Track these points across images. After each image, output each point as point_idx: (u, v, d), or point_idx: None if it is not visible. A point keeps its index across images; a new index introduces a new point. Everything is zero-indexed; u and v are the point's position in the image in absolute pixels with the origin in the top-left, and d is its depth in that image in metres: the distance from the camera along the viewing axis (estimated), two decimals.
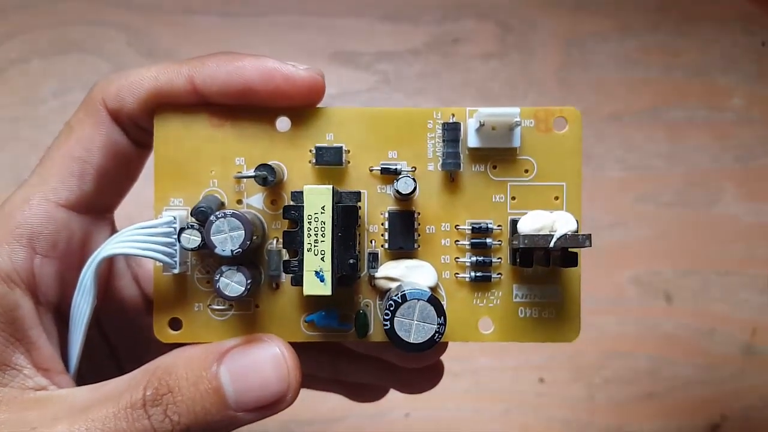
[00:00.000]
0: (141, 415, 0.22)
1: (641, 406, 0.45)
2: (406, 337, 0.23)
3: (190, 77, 0.24)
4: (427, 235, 0.25)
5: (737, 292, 0.46)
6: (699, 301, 0.46)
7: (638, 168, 0.48)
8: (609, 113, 0.48)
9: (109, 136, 0.25)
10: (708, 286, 0.47)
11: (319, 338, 0.26)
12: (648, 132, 0.48)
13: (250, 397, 0.22)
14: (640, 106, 0.48)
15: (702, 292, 0.46)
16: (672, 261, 0.47)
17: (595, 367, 0.46)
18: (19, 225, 0.24)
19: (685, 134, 0.48)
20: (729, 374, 0.45)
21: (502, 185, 0.25)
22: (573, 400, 0.45)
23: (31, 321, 0.24)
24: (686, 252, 0.47)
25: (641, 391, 0.45)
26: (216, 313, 0.25)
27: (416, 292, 0.23)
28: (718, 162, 0.48)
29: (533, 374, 0.45)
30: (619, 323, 0.46)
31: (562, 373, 0.46)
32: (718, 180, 0.48)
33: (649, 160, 0.48)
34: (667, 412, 0.45)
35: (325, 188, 0.23)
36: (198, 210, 0.23)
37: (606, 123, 0.48)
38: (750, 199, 0.47)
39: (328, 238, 0.23)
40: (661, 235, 0.47)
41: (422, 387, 0.32)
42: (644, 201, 0.47)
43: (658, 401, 0.45)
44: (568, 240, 0.23)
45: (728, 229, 0.47)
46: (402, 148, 0.25)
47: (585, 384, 0.46)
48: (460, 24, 0.49)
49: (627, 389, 0.45)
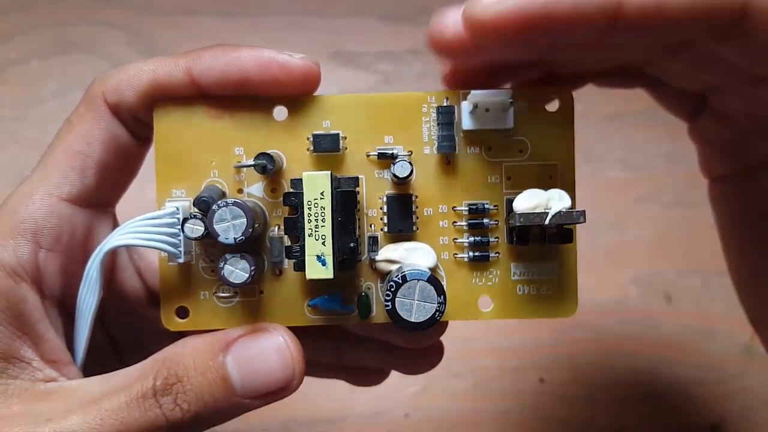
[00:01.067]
0: (152, 404, 0.22)
1: (641, 406, 0.45)
2: (408, 316, 0.23)
3: (188, 69, 0.24)
4: (425, 217, 0.26)
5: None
6: (699, 301, 0.46)
7: (638, 168, 0.48)
8: (609, 113, 0.48)
9: (109, 130, 0.25)
10: (708, 286, 0.46)
11: (322, 322, 0.26)
12: (648, 132, 0.48)
13: (257, 385, 0.23)
14: (640, 106, 0.48)
15: (702, 292, 0.46)
16: (672, 261, 0.47)
17: (595, 367, 0.46)
18: (23, 220, 0.24)
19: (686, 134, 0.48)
20: (729, 374, 0.45)
21: (497, 166, 0.26)
22: (573, 400, 0.45)
23: (37, 314, 0.24)
24: (686, 252, 0.47)
25: (641, 391, 0.45)
26: (222, 300, 0.26)
27: (416, 273, 0.23)
28: None
29: (533, 374, 0.45)
30: (619, 323, 0.46)
31: (562, 373, 0.45)
32: None
33: (649, 160, 0.48)
34: (667, 412, 0.45)
35: (323, 174, 0.23)
36: (200, 200, 0.24)
37: (606, 123, 0.48)
38: None
39: (328, 223, 0.23)
40: (661, 235, 0.47)
41: (423, 367, 0.32)
42: (644, 201, 0.47)
43: (658, 401, 0.45)
44: (562, 216, 0.23)
45: None
46: (397, 132, 0.26)
47: (585, 384, 0.46)
48: None
49: (627, 389, 0.45)
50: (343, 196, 0.24)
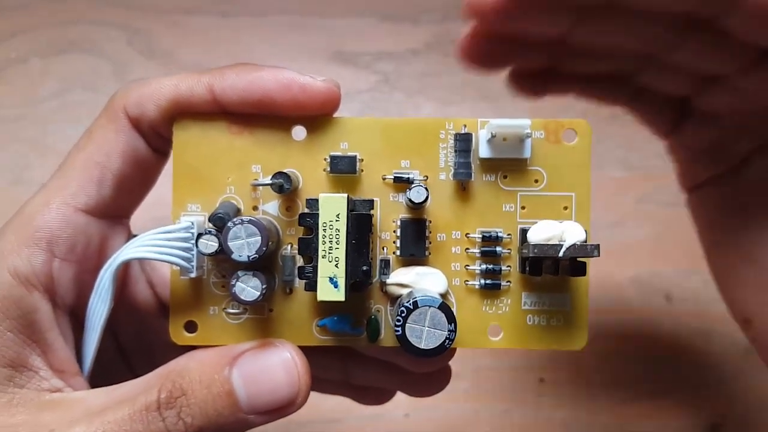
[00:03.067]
0: (156, 418, 0.22)
1: (641, 406, 0.45)
2: (417, 343, 0.23)
3: (210, 86, 0.25)
4: (438, 242, 0.26)
5: None
6: (699, 301, 0.46)
7: (638, 168, 0.48)
8: (609, 113, 0.48)
9: (128, 143, 0.25)
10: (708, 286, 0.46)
11: (331, 342, 0.26)
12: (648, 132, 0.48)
13: (262, 401, 0.23)
14: None
15: (702, 292, 0.46)
16: (672, 261, 0.47)
17: (595, 367, 0.46)
18: (38, 228, 0.24)
19: None
20: (729, 374, 0.45)
21: (513, 195, 0.26)
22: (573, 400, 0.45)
23: (48, 323, 0.24)
24: (686, 252, 0.47)
25: (641, 391, 0.45)
26: (231, 316, 0.26)
27: (427, 299, 0.23)
28: None
29: (533, 374, 0.45)
30: (619, 323, 0.46)
31: (562, 373, 0.45)
32: None
33: (649, 160, 0.48)
34: (667, 412, 0.45)
35: (340, 197, 0.23)
36: (216, 216, 0.24)
37: (606, 123, 0.48)
38: None
39: (342, 246, 0.23)
40: (661, 235, 0.47)
41: (430, 390, 0.32)
42: (644, 201, 0.47)
43: (658, 401, 0.45)
44: (576, 250, 0.23)
45: None
46: (414, 157, 0.26)
47: (585, 384, 0.46)
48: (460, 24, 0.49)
49: (627, 389, 0.45)
50: (359, 219, 0.24)
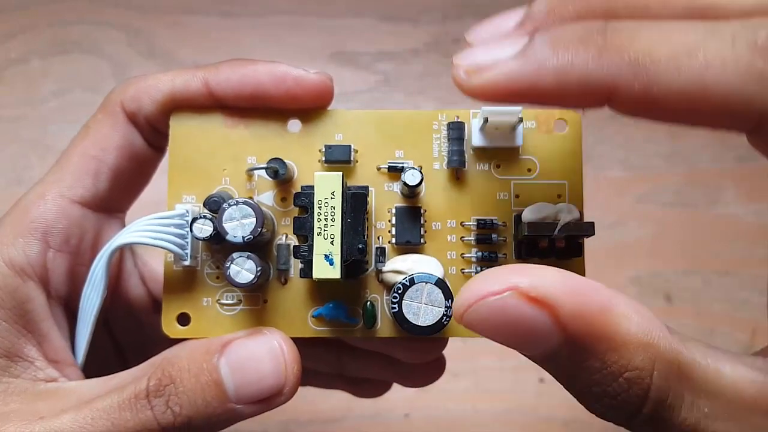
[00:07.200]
0: (144, 406, 0.22)
1: None
2: (414, 320, 0.23)
3: (205, 80, 0.25)
4: (433, 231, 0.26)
5: (737, 292, 0.46)
6: (699, 301, 0.46)
7: (638, 168, 0.48)
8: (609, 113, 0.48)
9: (125, 137, 0.26)
10: (708, 286, 0.47)
11: (326, 333, 0.26)
12: (648, 132, 0.48)
13: (249, 390, 0.23)
14: None
15: (702, 292, 0.46)
16: (672, 261, 0.47)
17: None
18: (34, 219, 0.24)
19: (685, 134, 0.48)
20: None
21: (506, 183, 0.26)
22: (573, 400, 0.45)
23: (42, 313, 0.24)
24: (686, 252, 0.47)
25: None
26: (225, 307, 0.26)
27: (424, 276, 0.23)
28: (718, 162, 0.48)
29: (533, 374, 0.45)
30: None
31: None
32: (718, 180, 0.48)
33: (649, 160, 0.48)
34: None
35: (335, 174, 0.23)
36: (211, 200, 0.24)
37: (606, 123, 0.48)
38: (750, 199, 0.47)
39: (337, 223, 0.23)
40: (661, 235, 0.47)
41: (425, 381, 0.32)
42: (644, 201, 0.47)
43: None
44: (571, 227, 0.23)
45: (728, 229, 0.47)
46: (408, 148, 0.26)
47: None
48: (460, 24, 0.49)
49: None
50: (354, 197, 0.24)
